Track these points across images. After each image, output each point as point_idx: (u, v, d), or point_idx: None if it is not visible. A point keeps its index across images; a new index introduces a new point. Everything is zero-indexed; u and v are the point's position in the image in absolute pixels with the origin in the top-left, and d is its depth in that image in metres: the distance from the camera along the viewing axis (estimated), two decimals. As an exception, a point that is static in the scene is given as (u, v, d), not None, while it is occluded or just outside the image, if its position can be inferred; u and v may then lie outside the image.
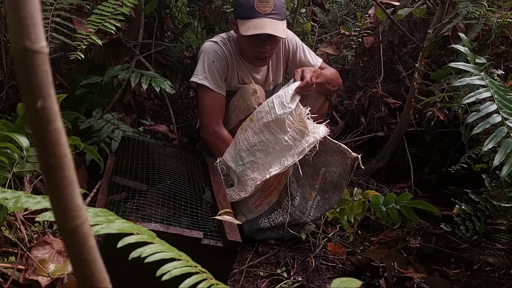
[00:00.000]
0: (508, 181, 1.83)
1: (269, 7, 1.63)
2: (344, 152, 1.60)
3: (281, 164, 1.56)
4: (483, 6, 2.08)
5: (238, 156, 1.64)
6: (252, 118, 1.63)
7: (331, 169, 1.63)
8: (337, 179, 1.62)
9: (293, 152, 1.55)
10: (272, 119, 1.57)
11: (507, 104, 1.65)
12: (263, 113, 1.60)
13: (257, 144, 1.60)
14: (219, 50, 1.78)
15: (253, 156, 1.61)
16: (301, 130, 1.58)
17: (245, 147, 1.62)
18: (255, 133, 1.61)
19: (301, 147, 1.55)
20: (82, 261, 0.39)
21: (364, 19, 2.56)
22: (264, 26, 1.61)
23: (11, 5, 0.33)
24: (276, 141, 1.58)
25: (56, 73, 2.08)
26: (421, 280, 1.47)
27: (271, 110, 1.58)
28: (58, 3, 1.68)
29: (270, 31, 1.62)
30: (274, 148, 1.59)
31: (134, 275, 0.98)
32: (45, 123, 0.35)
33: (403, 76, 2.78)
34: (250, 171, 1.62)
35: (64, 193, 0.36)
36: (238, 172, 1.65)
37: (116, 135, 1.93)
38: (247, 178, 1.62)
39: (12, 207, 0.96)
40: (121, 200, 1.31)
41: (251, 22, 1.62)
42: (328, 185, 1.64)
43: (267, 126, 1.59)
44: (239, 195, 1.63)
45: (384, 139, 2.66)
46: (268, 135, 1.59)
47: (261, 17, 1.62)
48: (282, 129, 1.58)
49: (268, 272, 1.49)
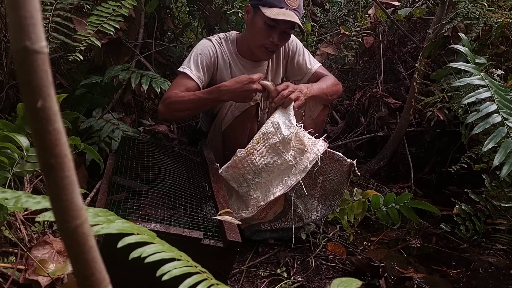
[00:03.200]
0: (508, 181, 1.83)
1: (296, 4, 1.69)
2: (339, 159, 1.61)
3: (284, 184, 1.55)
4: (483, 6, 2.08)
5: (242, 178, 1.60)
6: (258, 140, 1.58)
7: (329, 177, 1.64)
8: (336, 186, 1.64)
9: (295, 171, 1.54)
10: (279, 140, 1.54)
11: (507, 104, 1.65)
12: (270, 135, 1.57)
13: (264, 167, 1.57)
14: (210, 47, 1.79)
15: (258, 177, 1.58)
16: (300, 148, 1.57)
17: (252, 170, 1.58)
18: (261, 155, 1.57)
19: (303, 165, 1.54)
20: (82, 261, 0.39)
21: (364, 19, 2.56)
22: (293, 16, 1.66)
23: (11, 5, 0.33)
24: (282, 162, 1.56)
25: (56, 73, 2.08)
26: (421, 280, 1.47)
27: (277, 131, 1.56)
28: (58, 3, 1.68)
29: (298, 22, 1.67)
30: (279, 168, 1.58)
31: (134, 275, 0.98)
32: (45, 123, 0.35)
33: (403, 76, 2.78)
34: (254, 191, 1.60)
35: (64, 193, 0.36)
36: (241, 192, 1.62)
37: (116, 135, 1.93)
38: (250, 198, 1.60)
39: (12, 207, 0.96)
40: (121, 200, 1.31)
41: (280, 10, 1.66)
42: (328, 192, 1.66)
43: (274, 148, 1.56)
44: (240, 214, 1.60)
45: (384, 139, 2.66)
46: (274, 157, 1.56)
47: (289, 9, 1.67)
48: (287, 149, 1.56)
49: (268, 272, 1.49)
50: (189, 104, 1.65)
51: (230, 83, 1.61)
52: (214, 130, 1.89)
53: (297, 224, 1.67)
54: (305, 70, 1.93)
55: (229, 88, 1.60)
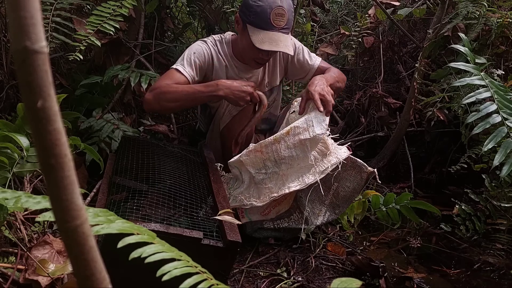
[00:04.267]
0: (508, 181, 1.83)
1: (284, 22, 1.63)
2: (360, 167, 1.60)
3: (302, 181, 1.54)
4: (483, 6, 2.08)
5: (262, 164, 1.59)
6: (289, 132, 1.57)
7: (345, 184, 1.63)
8: (350, 194, 1.64)
9: (314, 171, 1.54)
10: (309, 137, 1.53)
11: (507, 104, 1.65)
12: (301, 129, 1.56)
13: (286, 158, 1.56)
14: (205, 48, 1.78)
15: (277, 167, 1.58)
16: (322, 150, 1.57)
17: (274, 158, 1.57)
18: (288, 147, 1.56)
19: (323, 167, 1.53)
20: (82, 261, 0.39)
21: (364, 19, 2.56)
22: (278, 43, 1.62)
23: (11, 5, 0.33)
24: (304, 159, 1.56)
25: (56, 73, 2.08)
26: (421, 280, 1.47)
27: (309, 128, 1.55)
28: (58, 3, 1.68)
29: (284, 48, 1.63)
30: (299, 164, 1.57)
31: (134, 275, 0.98)
32: (45, 123, 0.35)
33: (403, 76, 2.78)
34: (269, 180, 1.60)
35: (64, 193, 0.36)
36: (256, 179, 1.61)
37: (116, 135, 1.93)
38: (264, 187, 1.60)
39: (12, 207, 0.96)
40: (121, 200, 1.31)
41: (266, 34, 1.62)
42: (340, 200, 1.65)
43: (302, 143, 1.55)
44: (250, 202, 1.59)
45: (384, 139, 2.66)
46: (299, 152, 1.55)
47: (275, 31, 1.62)
48: (313, 148, 1.56)
49: (268, 272, 1.49)
50: (182, 96, 1.62)
51: (229, 81, 1.63)
52: (213, 130, 1.89)
53: (300, 226, 1.67)
54: (308, 67, 1.92)
55: (227, 84, 1.60)
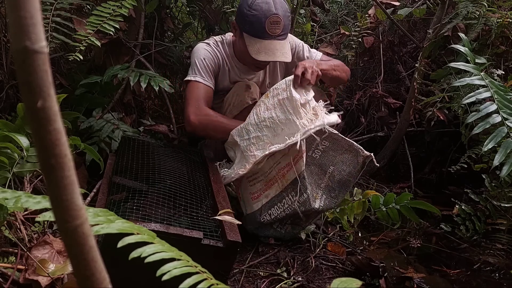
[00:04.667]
0: (508, 181, 1.83)
1: (280, 29, 1.61)
2: (357, 150, 1.58)
3: (283, 143, 1.51)
4: (483, 6, 2.08)
5: (245, 130, 1.59)
6: (268, 94, 1.58)
7: (341, 167, 1.60)
8: (346, 178, 1.61)
9: (298, 135, 1.51)
10: (287, 97, 1.52)
11: (507, 104, 1.65)
12: (280, 90, 1.54)
13: (266, 120, 1.54)
14: (211, 51, 1.79)
15: (260, 132, 1.56)
16: (312, 120, 1.54)
17: (254, 121, 1.57)
18: (267, 108, 1.56)
19: (306, 128, 1.50)
20: (82, 261, 0.39)
21: (364, 19, 2.56)
22: (275, 52, 1.61)
23: (11, 5, 0.33)
24: (286, 123, 1.53)
25: (56, 73, 2.08)
26: (421, 280, 1.47)
27: (287, 88, 1.52)
28: (58, 3, 1.68)
29: (281, 57, 1.62)
30: (282, 129, 1.54)
31: (134, 275, 0.98)
32: (45, 123, 0.35)
33: (403, 76, 2.78)
34: (254, 147, 1.58)
35: (64, 193, 0.36)
36: (242, 146, 1.60)
37: (116, 135, 1.93)
38: (249, 154, 1.58)
39: (12, 207, 0.96)
40: (121, 200, 1.31)
41: (261, 44, 1.61)
42: (336, 183, 1.62)
43: (280, 104, 1.53)
44: (237, 173, 1.58)
45: (384, 139, 2.66)
46: (279, 113, 1.53)
47: (271, 39, 1.61)
48: (295, 112, 1.52)
49: (268, 272, 1.49)
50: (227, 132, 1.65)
51: None
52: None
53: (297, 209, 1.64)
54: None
55: None
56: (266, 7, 1.59)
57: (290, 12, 1.70)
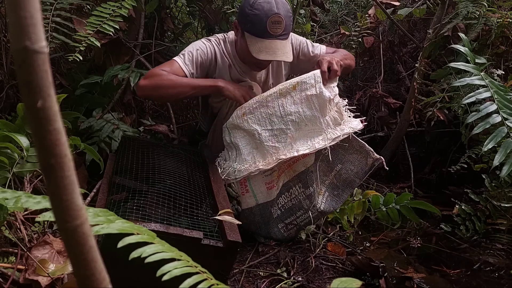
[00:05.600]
0: (508, 181, 1.83)
1: (281, 29, 1.61)
2: (367, 152, 1.58)
3: (311, 145, 1.50)
4: (483, 6, 2.08)
5: (268, 120, 1.55)
6: (295, 86, 1.53)
7: (348, 167, 1.61)
8: (352, 177, 1.61)
9: (324, 137, 1.50)
10: (315, 93, 1.50)
11: (507, 104, 1.65)
12: (308, 85, 1.51)
13: (293, 114, 1.51)
14: (209, 46, 1.77)
15: (284, 125, 1.53)
16: (336, 119, 1.54)
17: (280, 113, 1.53)
18: (294, 102, 1.52)
19: (335, 134, 1.50)
20: (82, 261, 0.39)
21: (364, 19, 2.56)
22: (276, 51, 1.60)
23: (11, 5, 0.33)
24: (311, 119, 1.51)
25: (56, 73, 2.08)
26: (421, 280, 1.47)
27: (316, 84, 1.51)
28: (58, 3, 1.68)
29: (282, 57, 1.61)
30: (306, 125, 1.52)
31: (134, 275, 0.98)
32: (45, 123, 0.35)
33: (403, 76, 2.78)
34: (276, 139, 1.54)
35: (64, 193, 0.36)
36: (263, 136, 1.55)
37: (116, 135, 1.93)
38: (270, 145, 1.54)
39: (12, 207, 0.96)
40: (121, 200, 1.31)
41: (263, 43, 1.61)
42: (341, 182, 1.62)
43: (308, 99, 1.51)
44: (257, 168, 1.53)
45: (384, 139, 2.66)
46: (306, 109, 1.51)
47: (273, 38, 1.60)
48: (321, 109, 1.51)
49: (268, 272, 1.49)
50: (182, 88, 1.62)
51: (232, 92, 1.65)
52: (215, 130, 1.88)
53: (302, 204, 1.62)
54: (316, 57, 1.86)
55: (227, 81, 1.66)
56: (268, 7, 1.59)
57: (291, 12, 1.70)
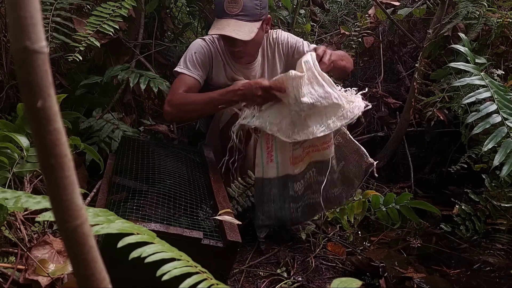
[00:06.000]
0: (508, 181, 1.83)
1: (237, 8, 1.62)
2: (362, 154, 1.58)
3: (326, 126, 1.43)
4: (483, 6, 2.08)
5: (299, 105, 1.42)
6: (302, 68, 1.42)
7: (349, 166, 1.61)
8: (351, 177, 1.61)
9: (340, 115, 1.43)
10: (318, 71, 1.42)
11: (507, 104, 1.65)
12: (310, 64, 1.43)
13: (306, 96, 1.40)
14: (204, 45, 1.81)
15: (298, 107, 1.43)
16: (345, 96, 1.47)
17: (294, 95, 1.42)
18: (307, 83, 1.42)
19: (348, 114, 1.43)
20: (82, 261, 0.39)
21: (364, 19, 2.56)
22: (225, 27, 1.61)
23: (11, 5, 0.33)
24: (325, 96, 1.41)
25: (56, 73, 2.08)
26: (421, 280, 1.47)
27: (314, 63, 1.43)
28: (58, 3, 1.68)
29: (229, 32, 1.60)
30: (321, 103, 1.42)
31: (134, 275, 0.98)
32: (45, 123, 0.35)
33: (403, 76, 2.78)
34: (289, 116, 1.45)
35: (64, 193, 0.36)
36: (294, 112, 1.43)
37: (116, 135, 1.93)
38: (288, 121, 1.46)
39: (12, 207, 0.96)
40: (121, 200, 1.31)
41: (218, 22, 1.64)
42: (343, 179, 1.63)
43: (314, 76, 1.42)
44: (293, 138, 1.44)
45: (384, 139, 2.66)
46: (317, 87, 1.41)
47: (228, 18, 1.63)
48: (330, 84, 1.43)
49: (268, 272, 1.49)
50: (201, 105, 1.64)
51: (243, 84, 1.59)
52: (212, 130, 1.88)
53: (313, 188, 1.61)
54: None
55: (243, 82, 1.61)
56: None
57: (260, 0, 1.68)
